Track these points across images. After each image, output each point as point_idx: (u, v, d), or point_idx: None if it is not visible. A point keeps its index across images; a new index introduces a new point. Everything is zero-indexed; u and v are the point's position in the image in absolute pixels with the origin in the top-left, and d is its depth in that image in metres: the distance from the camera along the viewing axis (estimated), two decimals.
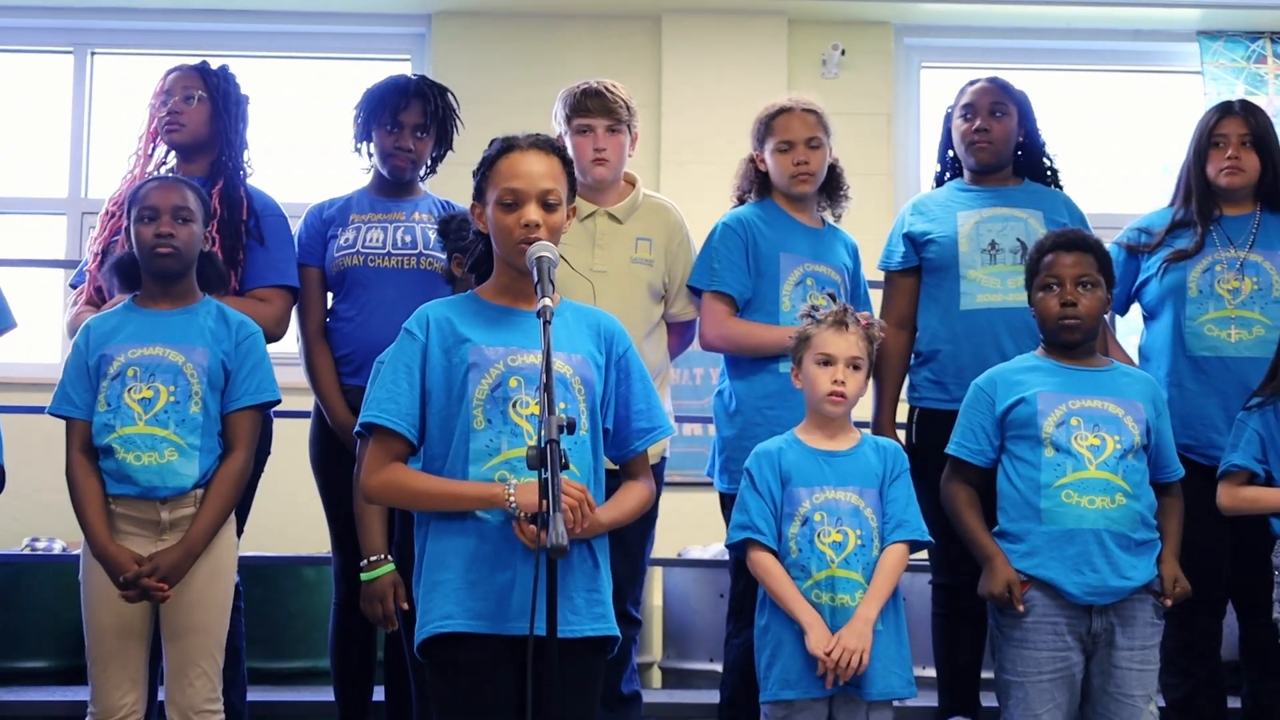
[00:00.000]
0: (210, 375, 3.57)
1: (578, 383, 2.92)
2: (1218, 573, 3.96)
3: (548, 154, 2.97)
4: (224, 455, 3.60)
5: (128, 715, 3.54)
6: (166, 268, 3.59)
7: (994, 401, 3.76)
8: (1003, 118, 4.20)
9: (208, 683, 3.56)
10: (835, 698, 3.57)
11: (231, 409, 3.61)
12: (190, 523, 3.52)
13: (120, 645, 3.53)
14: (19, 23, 6.47)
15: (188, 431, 3.54)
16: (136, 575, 3.44)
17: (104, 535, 3.49)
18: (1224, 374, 4.08)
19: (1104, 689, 3.66)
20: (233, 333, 3.63)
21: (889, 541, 3.60)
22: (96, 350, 3.56)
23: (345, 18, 6.50)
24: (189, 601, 3.53)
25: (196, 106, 4.03)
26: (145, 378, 3.53)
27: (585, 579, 2.91)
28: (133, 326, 3.59)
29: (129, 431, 3.52)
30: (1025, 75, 4.45)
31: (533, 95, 4.46)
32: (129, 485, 3.51)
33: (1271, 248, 4.12)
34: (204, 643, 3.56)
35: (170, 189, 3.62)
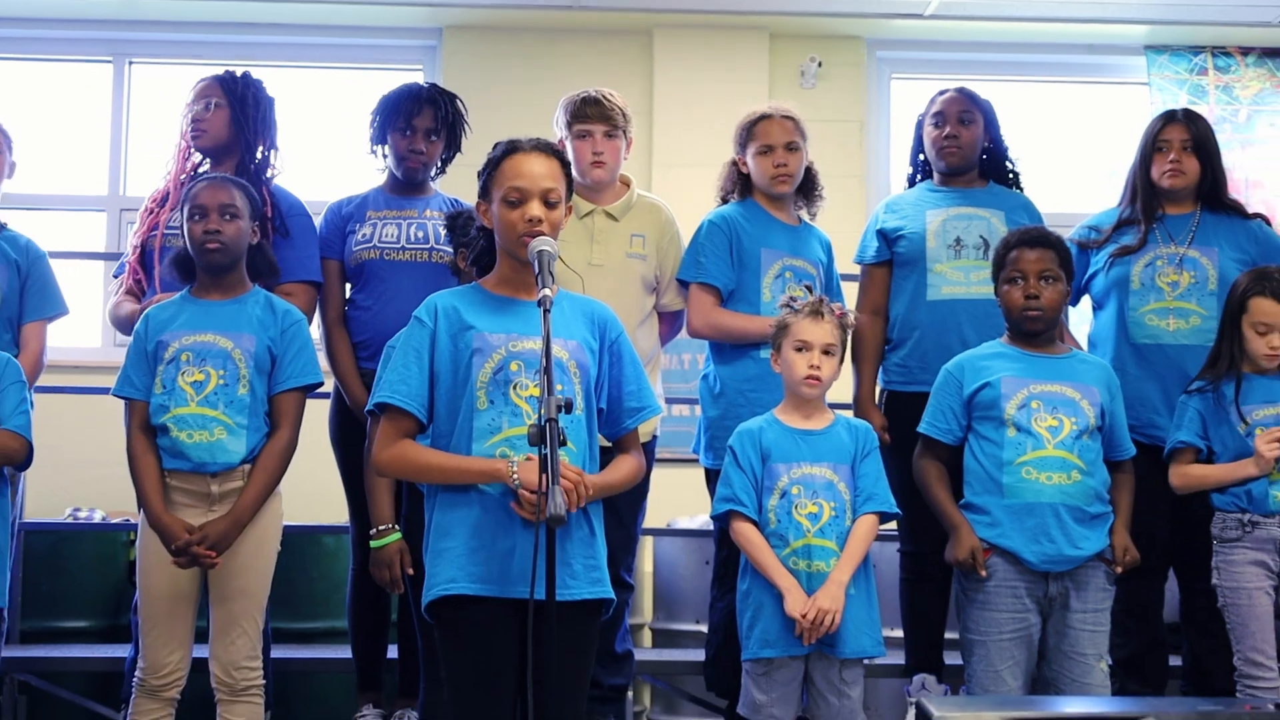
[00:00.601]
0: (257, 360, 3.56)
1: (573, 366, 2.91)
2: (1160, 542, 3.95)
3: (549, 156, 2.97)
4: (270, 433, 3.59)
5: (173, 672, 3.53)
6: (215, 262, 3.58)
7: (962, 385, 3.76)
8: (970, 125, 4.20)
9: (248, 642, 3.55)
10: (811, 656, 3.58)
11: (277, 390, 3.60)
12: (238, 495, 3.51)
13: (170, 608, 3.53)
14: (63, 34, 6.47)
15: (236, 411, 3.53)
16: (188, 543, 3.44)
17: (159, 506, 3.49)
18: (1163, 360, 4.08)
19: (1059, 648, 3.68)
20: (279, 320, 3.62)
21: (860, 513, 3.61)
22: (154, 337, 3.56)
23: (364, 31, 6.50)
24: (235, 567, 3.52)
25: (216, 113, 4.00)
26: (197, 362, 3.53)
27: (583, 546, 2.90)
28: (187, 315, 3.59)
29: (182, 412, 3.51)
30: (988, 86, 4.45)
31: (535, 103, 4.44)
32: (182, 461, 3.51)
33: (1209, 244, 4.11)
34: (247, 605, 3.56)
35: (218, 188, 3.62)
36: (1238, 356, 3.82)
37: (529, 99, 5.23)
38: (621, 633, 4.08)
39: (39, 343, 4.03)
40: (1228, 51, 6.54)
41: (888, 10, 6.28)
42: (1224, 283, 4.04)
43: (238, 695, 3.54)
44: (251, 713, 3.56)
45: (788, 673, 3.59)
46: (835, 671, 3.58)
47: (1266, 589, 3.75)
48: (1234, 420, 3.78)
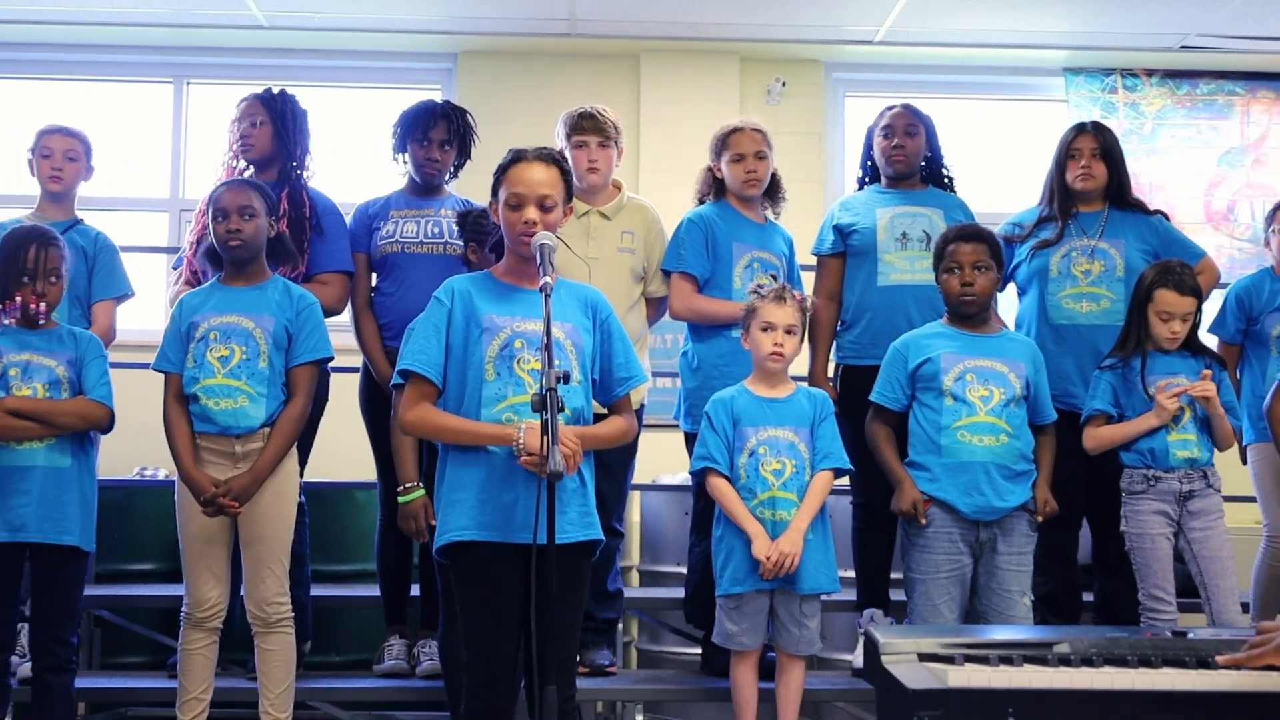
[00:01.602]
0: (275, 337, 3.54)
1: (569, 345, 2.91)
2: (1075, 495, 3.95)
3: (549, 164, 2.95)
4: (287, 401, 3.57)
5: (214, 605, 3.53)
6: (237, 255, 3.57)
7: (907, 360, 3.76)
8: (915, 136, 4.18)
9: (276, 581, 3.55)
10: (775, 592, 3.59)
11: (293, 364, 3.58)
12: (259, 454, 3.50)
13: (205, 550, 3.52)
14: (132, 59, 6.44)
15: (257, 382, 3.52)
16: (215, 495, 3.43)
17: (190, 464, 3.48)
18: (1077, 339, 4.06)
19: (988, 585, 3.69)
20: (294, 303, 3.60)
21: (818, 469, 3.62)
22: (187, 319, 3.55)
23: (390, 55, 6.47)
24: (258, 516, 3.51)
25: (261, 129, 3.99)
26: (223, 340, 3.51)
27: (577, 496, 2.91)
28: (215, 300, 3.57)
29: (211, 383, 3.50)
30: (928, 102, 4.43)
31: (538, 117, 4.42)
32: (210, 425, 3.49)
33: (1116, 237, 4.10)
34: (271, 549, 3.55)
35: (236, 192, 3.60)
36: (1144, 338, 3.82)
37: (532, 114, 5.20)
38: (613, 573, 4.07)
39: (107, 319, 4.03)
40: (1135, 73, 6.53)
41: (842, 38, 6.25)
42: (1130, 270, 4.04)
43: (271, 627, 3.55)
44: (283, 642, 3.57)
45: (755, 606, 3.60)
46: (796, 605, 3.59)
47: (1166, 534, 3.77)
48: (1140, 391, 3.79)
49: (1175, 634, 1.89)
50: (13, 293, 3.48)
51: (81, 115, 6.28)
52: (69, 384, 3.51)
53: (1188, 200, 6.33)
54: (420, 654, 4.03)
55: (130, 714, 4.27)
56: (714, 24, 6.06)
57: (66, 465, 3.49)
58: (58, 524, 3.44)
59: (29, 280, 3.48)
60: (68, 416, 3.49)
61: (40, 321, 3.51)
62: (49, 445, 3.46)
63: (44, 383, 3.49)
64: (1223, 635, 1.89)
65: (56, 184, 4.06)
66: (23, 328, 3.51)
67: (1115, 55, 6.41)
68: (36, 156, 4.07)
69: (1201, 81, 6.54)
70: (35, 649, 3.52)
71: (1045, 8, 5.85)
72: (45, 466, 3.45)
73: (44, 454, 3.46)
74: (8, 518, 3.41)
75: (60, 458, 3.48)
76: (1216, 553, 3.75)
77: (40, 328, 3.52)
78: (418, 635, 4.10)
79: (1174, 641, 1.84)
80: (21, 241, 3.51)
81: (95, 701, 4.19)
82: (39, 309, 3.50)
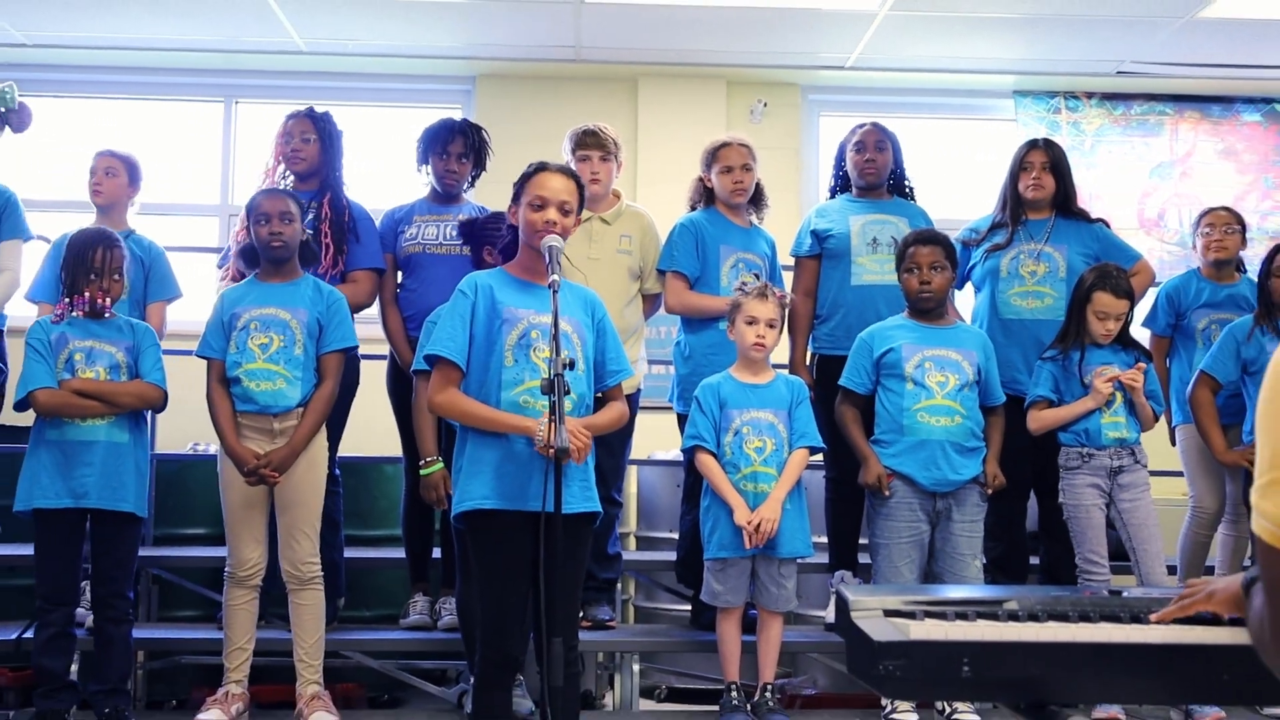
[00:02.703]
0: (309, 328, 3.54)
1: (575, 338, 2.91)
2: (1021, 469, 3.94)
3: (567, 177, 2.96)
4: (318, 384, 3.56)
5: (254, 565, 3.53)
6: (277, 255, 3.55)
7: (873, 349, 3.75)
8: (883, 151, 4.16)
9: (308, 543, 3.54)
10: (756, 556, 3.58)
11: (324, 351, 3.57)
12: (293, 431, 3.49)
13: (246, 515, 3.51)
14: (187, 80, 6.40)
15: (293, 367, 3.51)
16: (255, 466, 3.43)
17: (233, 439, 3.47)
18: (1023, 332, 4.05)
19: (944, 549, 3.68)
20: (324, 298, 3.60)
21: (794, 447, 3.61)
22: (228, 310, 3.54)
23: (416, 79, 6.44)
24: (293, 485, 3.51)
25: (310, 145, 3.97)
26: (263, 329, 3.51)
27: (580, 472, 2.89)
28: (254, 294, 3.56)
29: (251, 367, 3.49)
30: (894, 121, 4.41)
31: (547, 134, 4.39)
32: (251, 404, 3.49)
33: (1061, 242, 4.08)
34: (304, 514, 3.54)
35: (276, 199, 3.58)
36: (1082, 333, 3.81)
37: (542, 131, 5.17)
38: (613, 538, 4.07)
39: (159, 318, 4.04)
40: (1076, 95, 6.51)
41: (817, 64, 6.24)
42: (1071, 272, 4.02)
43: (304, 584, 3.54)
44: (315, 597, 3.56)
45: (738, 569, 3.59)
46: (775, 568, 3.59)
47: (1100, 505, 3.76)
48: (1078, 379, 3.78)
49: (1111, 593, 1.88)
50: (81, 288, 3.48)
51: (142, 131, 6.32)
52: (127, 368, 3.51)
53: (1123, 208, 6.32)
54: (441, 609, 4.02)
55: (183, 661, 4.26)
56: (703, 51, 6.05)
57: (124, 440, 3.48)
58: (116, 492, 3.44)
59: (95, 277, 3.47)
60: (126, 396, 3.48)
61: (105, 314, 3.50)
62: (109, 422, 3.46)
63: (105, 367, 3.48)
64: (1153, 594, 1.88)
65: (97, 197, 4.05)
66: (88, 319, 3.50)
67: (1059, 79, 6.40)
68: (88, 174, 4.07)
69: (1135, 103, 6.53)
70: (96, 603, 3.52)
71: (997, 37, 5.84)
72: (106, 441, 3.45)
73: (105, 430, 3.45)
74: (72, 486, 3.41)
75: (119, 433, 3.47)
76: (1144, 521, 3.75)
77: (103, 319, 3.51)
78: (439, 593, 4.09)
79: (1110, 600, 1.82)
80: (88, 243, 3.50)
81: (152, 650, 4.18)
82: (104, 303, 3.49)
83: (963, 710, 3.68)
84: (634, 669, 4.04)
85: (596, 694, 4.41)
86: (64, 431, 3.43)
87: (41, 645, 3.43)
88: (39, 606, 3.44)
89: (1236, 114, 6.56)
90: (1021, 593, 1.86)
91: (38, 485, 3.41)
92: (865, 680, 1.69)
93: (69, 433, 3.43)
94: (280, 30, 5.83)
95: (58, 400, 3.41)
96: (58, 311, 3.51)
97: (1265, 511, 1.28)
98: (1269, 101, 6.55)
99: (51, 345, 3.45)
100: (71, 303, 3.49)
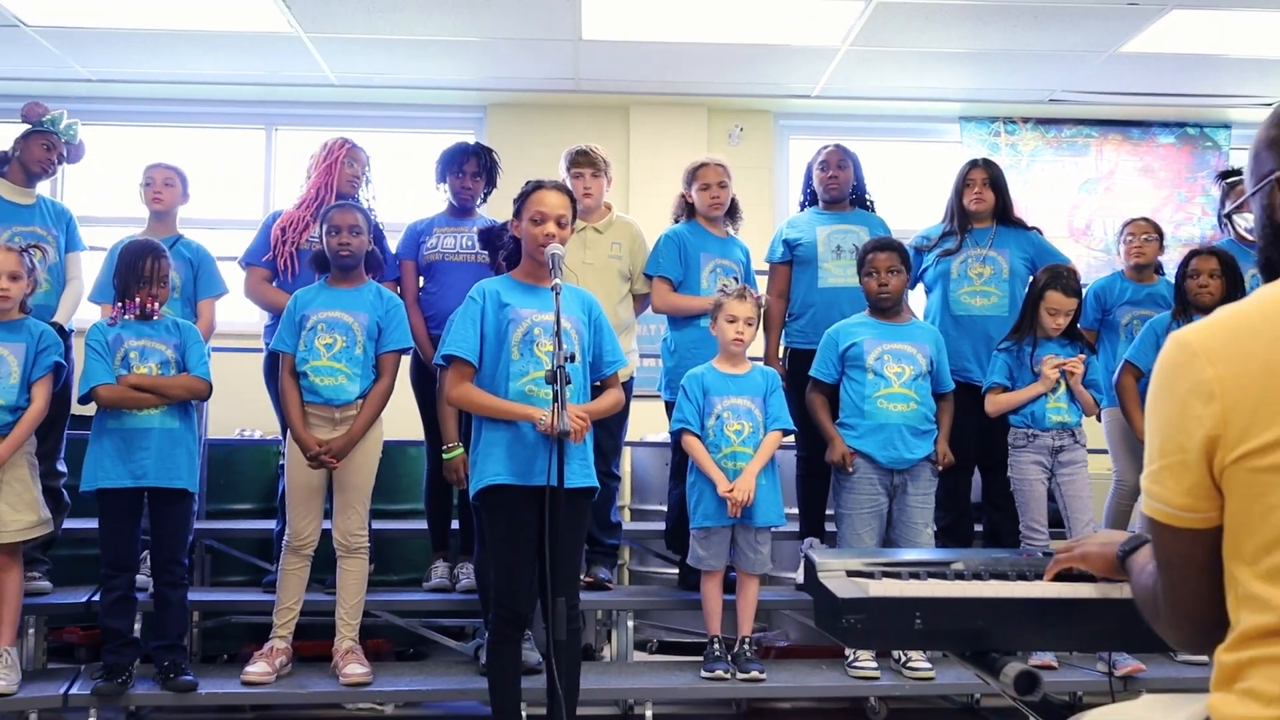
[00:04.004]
0: (369, 330, 3.53)
1: (574, 334, 2.91)
2: (967, 449, 3.94)
3: (562, 193, 2.96)
4: (376, 380, 3.55)
5: (309, 537, 3.54)
6: (346, 264, 3.55)
7: (838, 344, 3.74)
8: (845, 169, 4.16)
9: (359, 517, 3.54)
10: (735, 525, 3.58)
11: (382, 351, 3.56)
12: (353, 421, 3.49)
13: (306, 495, 3.51)
14: (232, 110, 6.36)
15: (353, 365, 3.51)
16: (318, 453, 3.43)
17: (300, 426, 3.47)
18: (972, 326, 4.05)
19: (900, 519, 3.68)
20: (384, 303, 3.59)
21: (769, 429, 3.60)
22: (300, 311, 3.53)
23: (433, 107, 6.40)
24: (350, 469, 3.51)
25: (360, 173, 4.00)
26: (328, 330, 3.50)
27: (580, 451, 2.89)
28: (323, 298, 3.55)
29: (318, 364, 3.49)
30: (855, 143, 4.40)
31: (550, 155, 4.36)
32: (316, 396, 3.48)
33: (1003, 247, 4.08)
34: (358, 494, 3.54)
35: (346, 212, 3.58)
36: (1034, 327, 3.81)
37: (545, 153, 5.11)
38: (613, 508, 4.07)
39: (209, 313, 4.02)
40: (1014, 121, 6.50)
41: (787, 93, 6.22)
42: (1013, 273, 4.04)
43: (351, 553, 3.54)
44: (359, 565, 3.56)
45: (720, 537, 3.59)
46: (752, 535, 3.58)
47: (1042, 480, 3.77)
48: (1029, 368, 3.78)
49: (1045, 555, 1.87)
50: (132, 294, 3.46)
51: (193, 154, 6.26)
52: (175, 364, 3.48)
53: (1055, 219, 6.31)
54: (459, 574, 4.01)
55: (233, 620, 4.25)
56: (687, 82, 6.03)
57: (176, 426, 3.46)
58: (170, 471, 3.42)
59: (144, 284, 3.45)
60: (177, 389, 3.46)
61: (154, 317, 3.48)
62: (163, 411, 3.44)
63: (157, 363, 3.46)
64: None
65: (158, 203, 4.02)
66: (139, 321, 3.48)
67: (999, 106, 6.39)
68: (143, 186, 4.04)
69: (1065, 127, 6.53)
70: (156, 570, 3.50)
71: (944, 70, 5.83)
72: (160, 428, 3.43)
73: (159, 418, 3.43)
74: (132, 468, 3.39)
75: (171, 421, 3.45)
76: (1079, 494, 3.75)
77: (152, 321, 3.49)
78: (457, 559, 4.07)
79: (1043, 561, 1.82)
80: (139, 254, 3.48)
81: (205, 611, 4.16)
82: (153, 307, 3.47)
83: (916, 658, 3.68)
84: (629, 625, 4.04)
85: (596, 647, 4.40)
86: (122, 421, 3.41)
87: (107, 607, 3.41)
88: (104, 574, 3.42)
89: (1153, 137, 6.56)
90: (967, 555, 1.85)
91: (101, 468, 3.39)
92: (831, 633, 1.68)
93: (127, 422, 3.41)
94: (315, 66, 5.80)
95: (116, 394, 3.39)
96: (112, 315, 3.49)
97: (1155, 494, 1.28)
98: (1181, 125, 6.56)
99: (108, 345, 3.43)
100: (124, 307, 3.47)
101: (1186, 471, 1.23)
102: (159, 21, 5.25)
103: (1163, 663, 3.77)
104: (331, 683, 3.52)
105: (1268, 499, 1.18)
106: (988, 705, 4.03)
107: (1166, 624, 1.31)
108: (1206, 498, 1.23)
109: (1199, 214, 6.48)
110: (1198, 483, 1.23)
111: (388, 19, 5.21)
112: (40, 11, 5.17)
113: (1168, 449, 1.25)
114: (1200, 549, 1.24)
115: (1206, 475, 1.22)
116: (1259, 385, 1.19)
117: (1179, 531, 1.26)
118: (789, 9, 5.02)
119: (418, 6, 5.07)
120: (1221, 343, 1.22)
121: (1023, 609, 1.66)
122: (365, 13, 5.13)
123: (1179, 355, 1.25)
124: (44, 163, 3.96)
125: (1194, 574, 1.26)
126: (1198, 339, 1.24)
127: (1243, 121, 6.50)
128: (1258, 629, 1.18)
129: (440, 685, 3.64)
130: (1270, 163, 1.31)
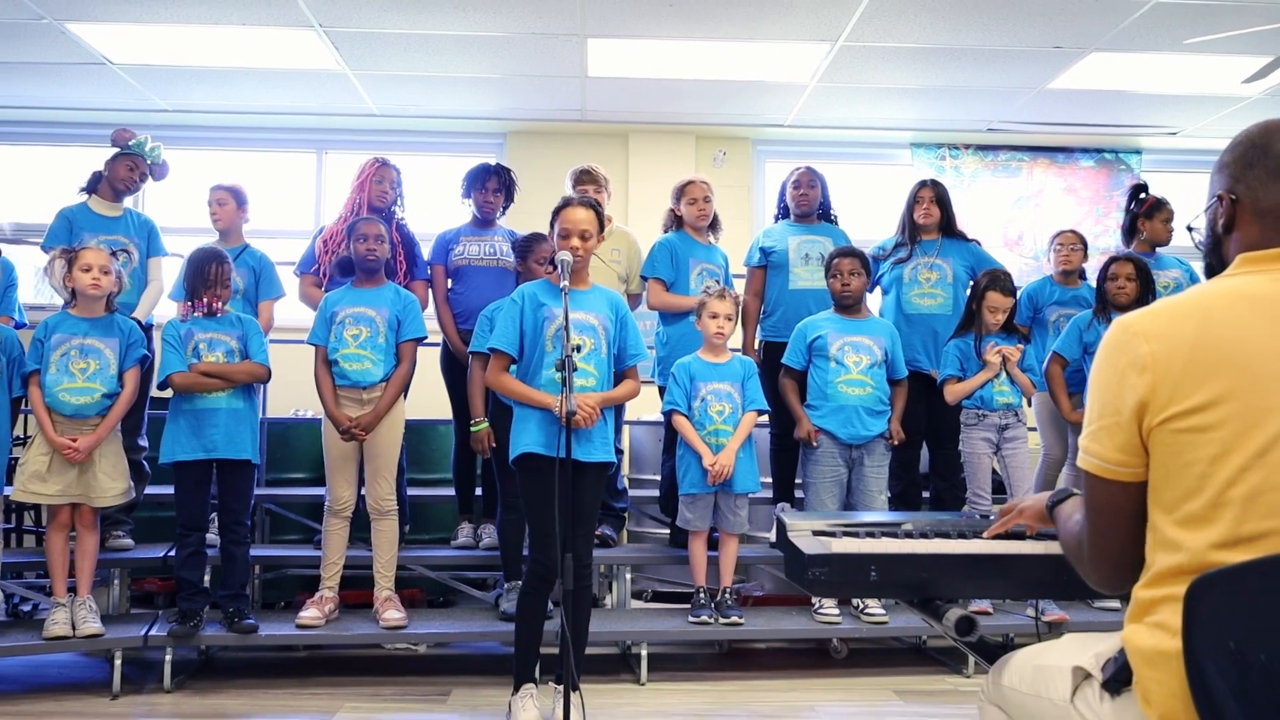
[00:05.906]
0: (389, 323, 3.51)
1: (600, 329, 2.89)
2: (917, 427, 3.94)
3: (588, 208, 2.92)
4: (396, 365, 3.53)
5: (347, 501, 3.52)
6: (370, 267, 3.54)
7: (806, 336, 3.74)
8: (814, 188, 4.15)
9: (387, 484, 3.52)
10: (718, 493, 3.58)
11: (401, 340, 3.54)
12: (378, 400, 3.47)
13: (341, 465, 3.50)
14: (287, 136, 6.30)
15: (377, 352, 3.49)
16: (349, 428, 3.42)
17: (332, 405, 3.46)
18: (921, 323, 4.05)
19: (858, 487, 3.67)
20: (402, 300, 3.57)
21: (746, 410, 3.59)
22: (330, 308, 3.52)
23: (460, 134, 6.35)
24: (377, 441, 3.49)
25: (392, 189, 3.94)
26: (355, 323, 3.49)
27: (601, 429, 2.89)
28: (350, 297, 3.54)
29: (347, 352, 3.48)
30: (822, 165, 4.38)
31: (560, 176, 4.35)
32: (346, 380, 3.47)
33: (947, 256, 4.08)
34: (386, 463, 3.52)
35: (371, 223, 3.58)
36: (979, 323, 3.82)
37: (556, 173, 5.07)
38: (619, 477, 4.11)
39: (269, 313, 3.99)
40: (958, 147, 6.48)
41: (763, 122, 6.18)
42: (956, 278, 4.04)
43: (383, 515, 3.53)
44: (390, 525, 3.55)
45: (704, 502, 3.58)
46: (732, 501, 3.58)
47: (989, 454, 3.78)
48: (976, 358, 3.78)
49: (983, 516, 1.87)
50: (200, 294, 3.45)
51: (254, 174, 6.24)
52: (239, 352, 3.47)
53: (992, 231, 6.29)
54: (482, 534, 4.00)
55: (289, 573, 4.24)
56: (678, 113, 6.00)
57: (240, 406, 3.45)
58: (235, 444, 3.41)
59: (210, 286, 3.44)
60: (240, 374, 3.45)
61: (218, 314, 3.47)
62: (229, 394, 3.43)
63: (222, 352, 3.45)
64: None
65: (217, 223, 4.01)
66: (206, 318, 3.47)
67: (944, 134, 6.37)
68: (207, 204, 4.03)
69: (1001, 152, 6.50)
70: (222, 529, 3.50)
71: (898, 104, 5.81)
72: (227, 408, 3.42)
73: (225, 400, 3.42)
74: (203, 442, 3.39)
75: (236, 402, 3.44)
76: (1020, 465, 3.76)
77: (217, 317, 3.48)
78: (480, 521, 4.06)
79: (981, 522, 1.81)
80: (204, 260, 3.49)
81: (265, 564, 4.15)
82: (217, 306, 3.47)
83: (872, 605, 3.68)
84: (627, 577, 4.04)
85: (599, 597, 4.40)
86: (194, 403, 3.40)
87: (181, 561, 3.41)
88: (179, 532, 3.42)
89: (1076, 160, 6.54)
90: (915, 517, 1.85)
91: (177, 443, 3.38)
92: (799, 583, 1.67)
93: (198, 403, 3.40)
94: (359, 99, 5.77)
95: (189, 380, 3.38)
96: (183, 313, 3.48)
97: (1092, 450, 1.29)
98: (1100, 151, 6.54)
99: (181, 338, 3.42)
100: (193, 305, 3.46)
101: (1120, 431, 1.25)
102: (226, 60, 5.23)
103: (1082, 609, 3.77)
104: (372, 626, 3.52)
105: (1185, 455, 1.19)
106: (933, 645, 4.03)
107: (1089, 564, 1.32)
108: (1135, 455, 1.25)
109: (1114, 227, 6.44)
110: (1128, 441, 1.24)
111: (422, 59, 5.19)
112: (124, 51, 5.16)
113: (1105, 412, 1.27)
114: (1126, 499, 1.26)
115: (1136, 435, 1.24)
116: (1185, 359, 1.20)
117: (1109, 483, 1.27)
118: (765, 52, 5.01)
119: (448, 48, 5.05)
120: (1158, 325, 1.24)
121: (962, 563, 1.65)
122: (403, 53, 5.12)
123: (1122, 335, 1.27)
124: (127, 181, 3.94)
125: (1118, 521, 1.27)
126: (1139, 322, 1.26)
127: (1152, 148, 6.49)
128: (1170, 569, 1.19)
129: (465, 629, 3.64)
130: (1219, 185, 1.34)
